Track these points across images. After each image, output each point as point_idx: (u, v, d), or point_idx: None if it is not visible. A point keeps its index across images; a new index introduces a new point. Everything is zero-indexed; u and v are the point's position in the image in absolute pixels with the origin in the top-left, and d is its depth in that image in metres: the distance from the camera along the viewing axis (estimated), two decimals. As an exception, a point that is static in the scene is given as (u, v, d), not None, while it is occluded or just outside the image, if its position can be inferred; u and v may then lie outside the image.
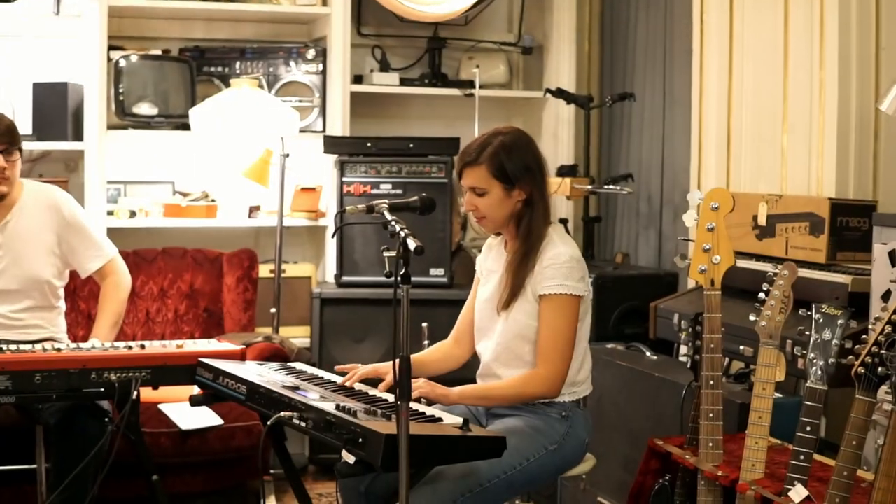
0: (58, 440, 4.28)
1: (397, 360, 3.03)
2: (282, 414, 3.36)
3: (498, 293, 3.71)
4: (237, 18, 6.40)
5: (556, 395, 3.62)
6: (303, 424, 3.30)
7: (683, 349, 3.74)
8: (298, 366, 4.12)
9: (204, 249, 5.90)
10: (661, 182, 6.09)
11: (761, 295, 3.31)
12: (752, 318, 3.31)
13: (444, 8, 6.28)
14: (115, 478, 4.41)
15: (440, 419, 3.34)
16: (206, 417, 5.00)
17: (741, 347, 3.99)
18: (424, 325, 4.79)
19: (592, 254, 6.23)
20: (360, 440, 3.04)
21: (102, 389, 4.05)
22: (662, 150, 6.08)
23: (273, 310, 5.81)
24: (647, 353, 4.84)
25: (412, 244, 3.09)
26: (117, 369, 4.06)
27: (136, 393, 4.04)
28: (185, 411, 4.92)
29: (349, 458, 3.11)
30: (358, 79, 6.51)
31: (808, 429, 3.04)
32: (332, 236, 3.62)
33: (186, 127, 5.84)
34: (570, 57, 6.66)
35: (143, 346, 4.21)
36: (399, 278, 3.10)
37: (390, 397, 3.55)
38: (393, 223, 3.24)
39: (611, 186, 5.87)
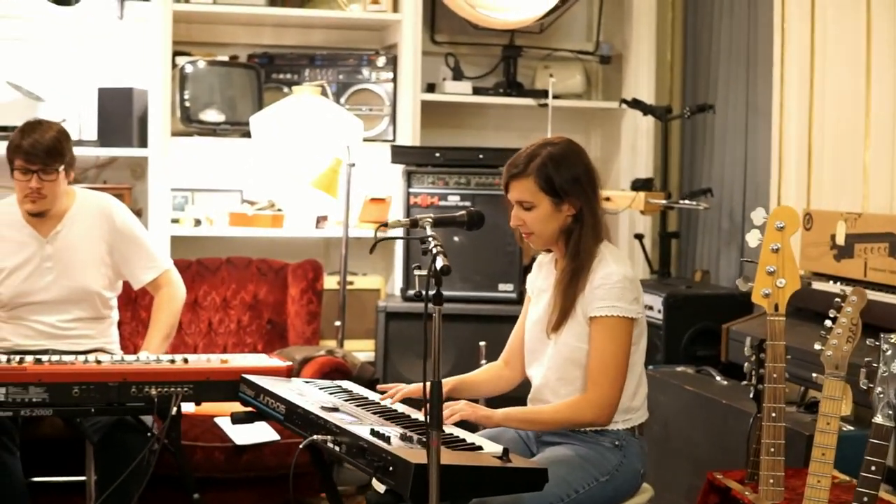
0: (101, 454, 4.23)
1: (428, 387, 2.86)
2: (315, 437, 3.21)
3: (547, 314, 3.52)
4: (307, 25, 6.31)
5: (607, 423, 3.42)
6: (336, 449, 3.14)
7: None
8: (346, 384, 3.97)
9: (269, 259, 5.80)
10: (744, 197, 5.86)
11: (827, 322, 3.09)
12: (817, 346, 3.09)
13: (519, 15, 6.11)
14: (163, 492, 4.33)
15: (480, 447, 3.16)
16: (261, 432, 4.88)
17: (814, 375, 3.75)
18: (482, 343, 4.63)
19: (668, 271, 6.01)
20: (391, 468, 2.87)
21: (143, 404, 3.94)
22: (745, 164, 5.85)
23: (337, 322, 5.69)
24: (717, 378, 4.63)
25: (440, 263, 2.89)
26: (158, 383, 3.94)
27: (175, 409, 3.92)
28: (242, 426, 4.81)
29: (379, 487, 2.95)
30: (430, 87, 6.37)
31: (873, 468, 2.82)
32: (371, 252, 3.47)
33: (254, 135, 5.75)
34: (650, 66, 6.46)
35: (186, 360, 4.09)
36: (431, 298, 2.89)
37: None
38: (429, 239, 3.04)
39: (686, 201, 5.65)
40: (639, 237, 6.09)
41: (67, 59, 5.91)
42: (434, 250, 2.97)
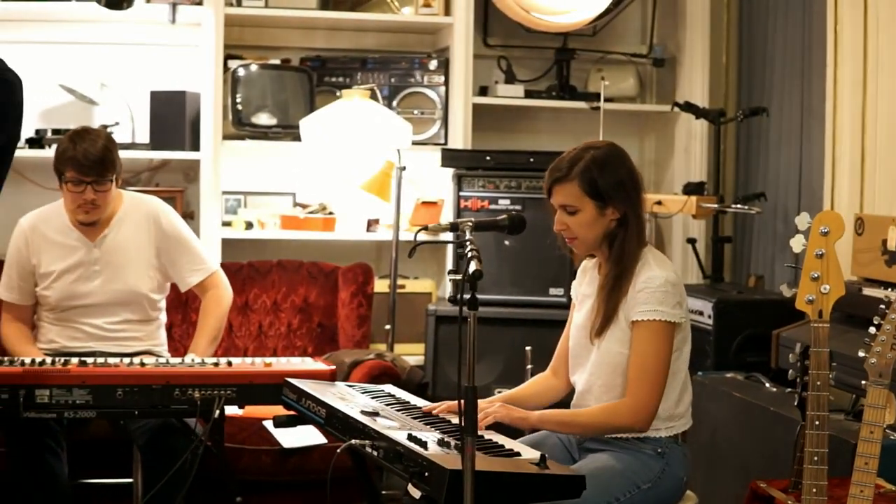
0: (147, 456, 4.24)
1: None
2: (353, 441, 3.19)
3: (591, 320, 3.49)
4: (359, 28, 6.30)
5: (645, 429, 3.38)
6: (374, 453, 3.12)
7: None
8: (389, 389, 3.95)
9: (319, 262, 5.79)
10: (798, 201, 5.78)
11: (872, 329, 3.04)
12: (861, 354, 3.04)
13: (572, 18, 6.07)
14: (207, 494, 4.34)
15: (517, 454, 3.13)
16: (308, 436, 4.86)
17: (863, 382, 3.69)
18: (528, 348, 4.59)
19: (721, 276, 5.94)
20: (426, 474, 2.84)
21: (186, 407, 3.95)
22: (800, 168, 5.78)
23: (388, 326, 5.68)
24: (767, 385, 4.56)
25: (472, 267, 2.87)
26: (201, 386, 3.95)
27: (218, 412, 3.93)
28: (289, 429, 4.80)
29: (414, 493, 2.93)
30: (483, 90, 6.34)
31: (917, 479, 2.77)
32: (410, 256, 3.46)
33: (306, 138, 5.75)
34: (704, 69, 6.39)
35: (229, 364, 4.10)
36: (466, 303, 2.87)
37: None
38: (467, 244, 3.03)
39: (738, 206, 5.59)
40: (691, 241, 6.03)
41: (120, 62, 5.96)
42: (469, 254, 2.95)
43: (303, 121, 5.63)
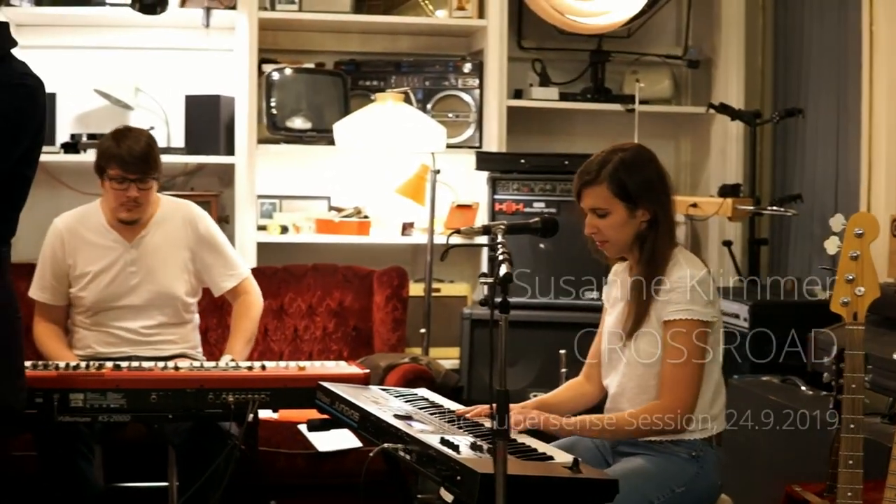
0: (182, 460, 4.25)
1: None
2: (386, 445, 3.18)
3: (622, 322, 3.48)
4: (393, 31, 6.31)
5: (682, 430, 3.36)
6: (407, 457, 3.12)
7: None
8: (423, 392, 3.94)
9: (354, 266, 5.79)
10: (835, 203, 5.75)
11: (907, 331, 3.02)
12: (894, 356, 3.01)
13: (606, 19, 6.05)
14: (241, 498, 4.34)
15: (550, 457, 3.12)
16: (343, 439, 4.87)
17: (899, 385, 3.68)
18: (562, 352, 4.57)
19: (757, 278, 5.89)
20: (458, 478, 2.84)
21: (220, 410, 3.95)
22: (836, 170, 5.74)
23: (423, 330, 5.67)
24: (803, 388, 4.53)
25: (502, 271, 2.87)
26: (235, 390, 3.95)
27: (251, 415, 3.93)
28: (324, 432, 4.81)
29: (447, 497, 2.92)
30: (517, 93, 6.33)
31: (953, 483, 2.74)
32: (442, 259, 3.47)
33: (341, 142, 5.76)
34: (739, 71, 6.36)
35: (263, 367, 4.10)
36: (498, 306, 2.87)
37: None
38: (498, 247, 3.02)
39: (775, 208, 5.55)
40: (727, 244, 5.99)
41: (155, 67, 6.00)
42: (500, 258, 2.95)
43: (337, 124, 5.64)
